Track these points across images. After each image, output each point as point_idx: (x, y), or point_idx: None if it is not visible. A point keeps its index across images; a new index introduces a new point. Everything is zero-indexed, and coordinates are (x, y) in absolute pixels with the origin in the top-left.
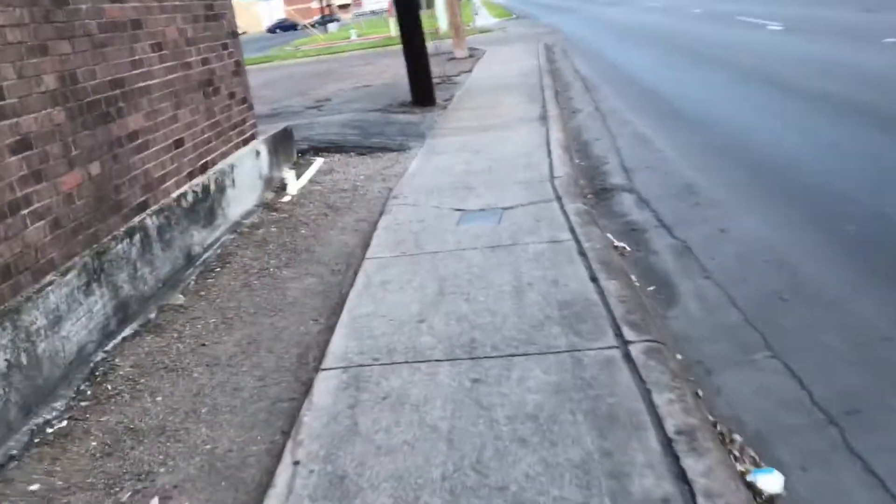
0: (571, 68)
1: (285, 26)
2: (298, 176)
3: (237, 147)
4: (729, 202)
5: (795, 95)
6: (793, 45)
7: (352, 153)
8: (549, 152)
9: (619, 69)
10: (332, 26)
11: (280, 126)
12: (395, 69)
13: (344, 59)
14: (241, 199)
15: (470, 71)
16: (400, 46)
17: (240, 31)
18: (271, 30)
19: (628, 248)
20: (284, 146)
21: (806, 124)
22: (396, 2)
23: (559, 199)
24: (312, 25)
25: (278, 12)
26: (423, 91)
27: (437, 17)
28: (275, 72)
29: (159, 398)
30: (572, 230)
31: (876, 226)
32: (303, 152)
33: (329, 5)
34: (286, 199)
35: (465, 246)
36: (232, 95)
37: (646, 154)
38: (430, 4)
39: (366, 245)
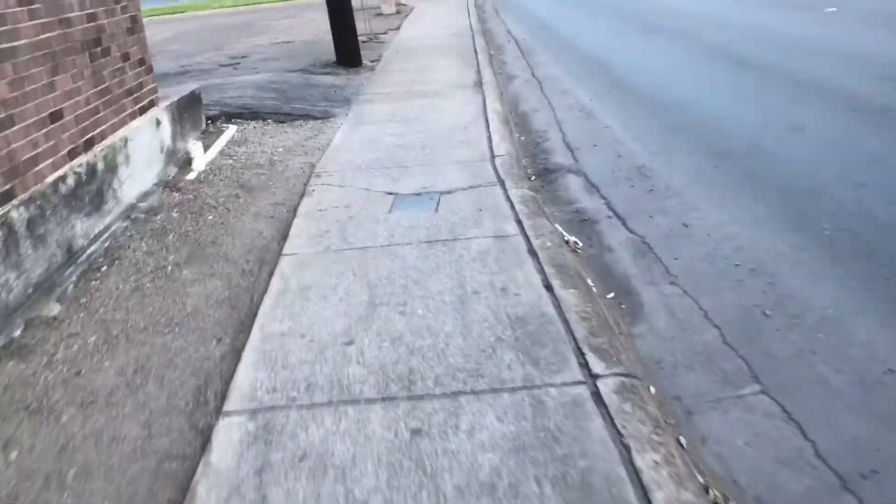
0: (504, 29)
1: None
2: (207, 148)
3: (132, 117)
4: (689, 191)
5: (753, 71)
6: (743, 15)
7: (269, 120)
8: (488, 125)
9: (555, 33)
10: None
11: (187, 88)
12: (318, 24)
13: (265, 10)
14: (137, 178)
15: (398, 29)
16: None
17: None
18: None
19: (580, 245)
20: (191, 113)
21: (771, 103)
22: None
23: (502, 182)
24: None
25: None
26: (348, 51)
27: None
28: (188, 23)
29: (13, 455)
30: (519, 222)
31: (857, 224)
32: (213, 119)
33: None
34: (192, 176)
35: (399, 240)
36: (126, 57)
37: (591, 130)
38: None
39: (283, 237)
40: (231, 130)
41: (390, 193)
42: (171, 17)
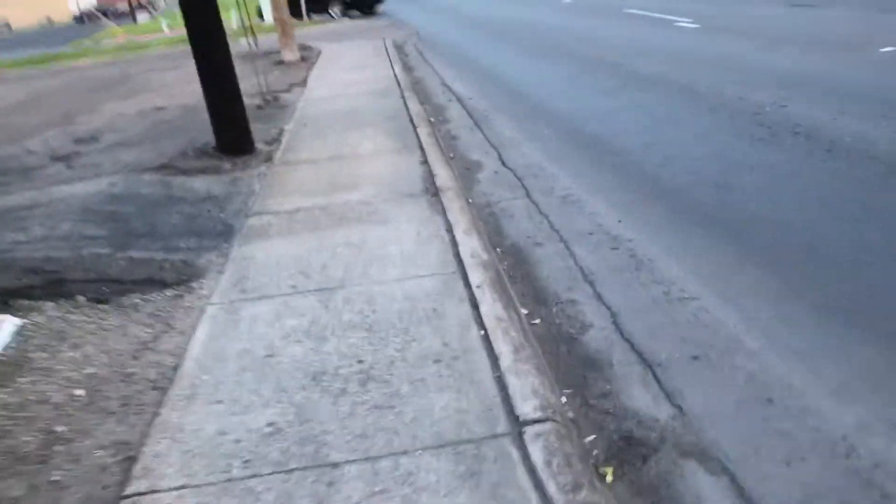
0: (437, 79)
1: (102, 12)
2: None
3: None
4: None
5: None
6: (712, 47)
7: (83, 298)
8: (474, 299)
9: (508, 87)
10: (143, 16)
11: None
12: None
13: (148, 58)
14: None
15: (304, 84)
16: None
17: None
18: (79, 18)
19: None
20: None
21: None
22: None
23: None
24: (105, 14)
25: None
26: (233, 132)
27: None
28: (54, 78)
29: None
30: None
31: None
32: None
33: None
34: None
35: None
36: None
37: (660, 300)
38: None
39: None
40: (3, 332)
41: None
42: (39, 70)
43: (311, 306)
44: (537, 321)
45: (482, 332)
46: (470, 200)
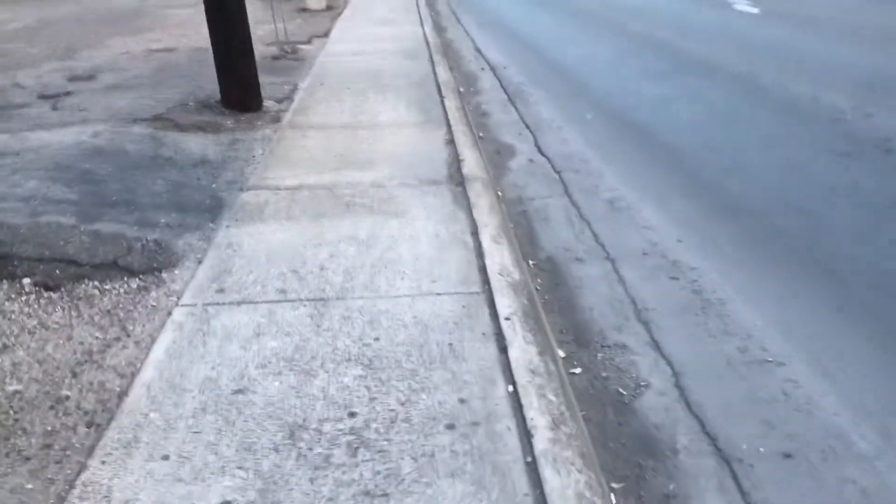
0: (470, 43)
1: None
2: None
3: None
4: None
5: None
6: (775, 35)
7: (27, 282)
8: (503, 341)
9: (547, 59)
10: None
11: None
12: None
13: None
14: None
15: (326, 35)
16: None
17: None
18: None
19: None
20: None
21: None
22: None
23: None
24: None
25: None
26: (240, 86)
27: None
28: (70, 4)
29: None
30: None
31: None
32: None
33: None
34: None
35: None
36: None
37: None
38: None
39: None
40: None
41: None
42: None
43: (301, 322)
44: (578, 370)
45: (510, 387)
46: (500, 193)
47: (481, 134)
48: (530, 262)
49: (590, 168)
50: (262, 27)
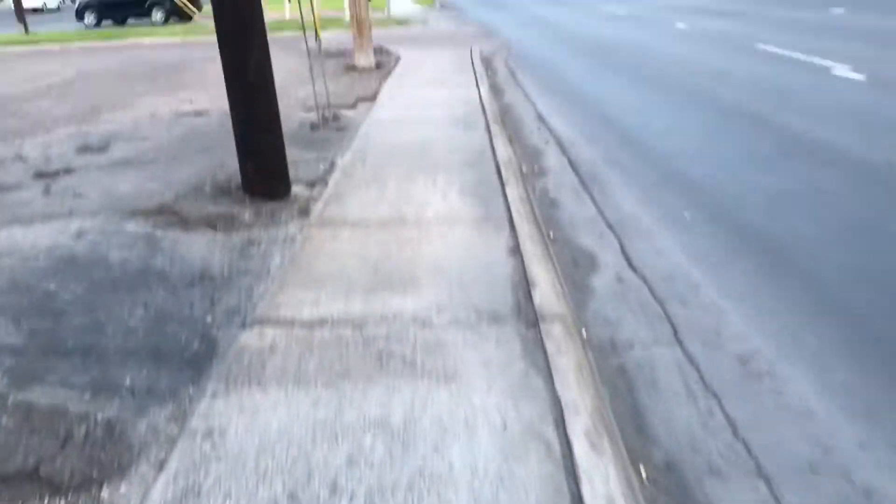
0: (531, 108)
1: None
2: None
3: None
4: None
5: None
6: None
7: None
8: None
9: (614, 124)
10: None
11: None
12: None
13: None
14: None
15: (374, 99)
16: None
17: None
18: None
19: None
20: None
21: None
22: None
23: None
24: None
25: None
26: (263, 169)
27: None
28: (111, 56)
29: None
30: None
31: None
32: None
33: None
34: None
35: None
36: None
37: None
38: None
39: None
40: None
41: None
42: (102, 44)
43: None
44: None
45: None
46: (584, 334)
47: (551, 233)
48: (643, 475)
49: (701, 299)
50: (305, 88)
